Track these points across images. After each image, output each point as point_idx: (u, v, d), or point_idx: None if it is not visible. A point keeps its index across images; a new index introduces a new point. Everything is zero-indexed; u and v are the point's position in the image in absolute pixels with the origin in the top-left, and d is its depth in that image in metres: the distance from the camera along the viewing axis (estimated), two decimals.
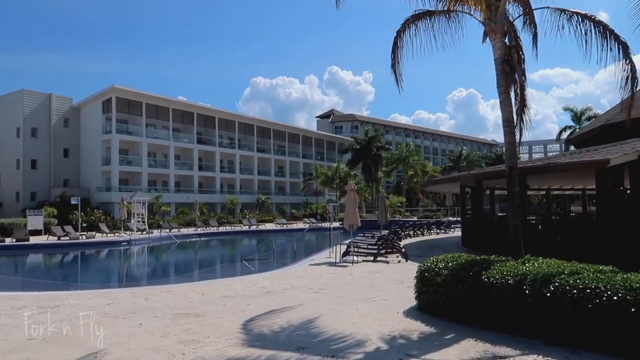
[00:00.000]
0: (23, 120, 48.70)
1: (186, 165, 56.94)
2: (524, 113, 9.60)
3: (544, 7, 9.80)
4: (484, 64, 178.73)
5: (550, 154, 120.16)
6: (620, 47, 9.49)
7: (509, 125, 9.34)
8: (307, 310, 8.23)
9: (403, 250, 15.86)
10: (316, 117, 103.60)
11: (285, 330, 6.98)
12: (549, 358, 5.49)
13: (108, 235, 31.10)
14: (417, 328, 6.92)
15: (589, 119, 56.87)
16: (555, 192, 35.95)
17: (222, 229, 39.92)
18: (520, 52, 9.62)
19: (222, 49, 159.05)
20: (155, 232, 32.53)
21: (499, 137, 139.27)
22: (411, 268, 13.80)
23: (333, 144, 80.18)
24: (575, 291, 5.77)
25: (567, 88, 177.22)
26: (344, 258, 15.57)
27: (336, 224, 45.05)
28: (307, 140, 74.56)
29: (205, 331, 6.92)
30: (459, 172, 68.82)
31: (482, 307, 6.77)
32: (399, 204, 61.19)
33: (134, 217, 34.53)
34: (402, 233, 24.11)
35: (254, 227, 41.69)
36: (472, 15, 10.26)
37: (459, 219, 39.25)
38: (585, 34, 9.54)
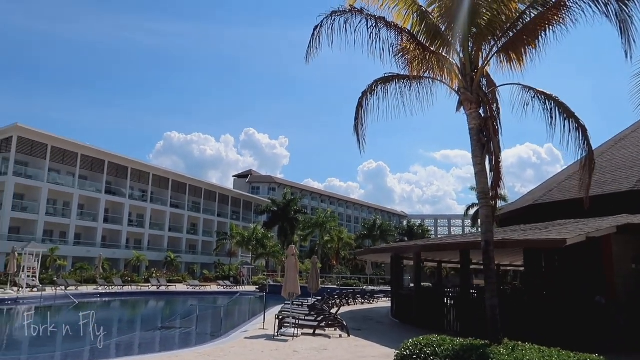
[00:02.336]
0: None
1: (90, 216, 52.38)
2: (499, 186, 9.31)
3: (514, 84, 9.85)
4: (392, 138, 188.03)
5: (454, 228, 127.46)
6: (579, 129, 9.68)
7: (485, 197, 8.95)
8: None
9: (344, 323, 14.73)
10: (233, 176, 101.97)
11: None
12: None
13: None
14: None
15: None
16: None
17: (127, 288, 36.16)
18: (495, 124, 9.46)
19: (134, 99, 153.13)
20: (49, 290, 28.54)
21: (406, 208, 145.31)
22: (358, 344, 12.73)
23: (250, 204, 78.60)
24: None
25: (465, 169, 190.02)
26: (281, 331, 14.11)
27: (251, 288, 43.00)
28: (223, 199, 72.35)
29: None
30: (373, 241, 70.23)
31: None
32: None
33: (23, 271, 30.27)
34: (331, 302, 22.97)
35: (163, 288, 38.32)
36: (444, 83, 10.12)
37: (380, 288, 39.00)
38: (550, 111, 9.68)
